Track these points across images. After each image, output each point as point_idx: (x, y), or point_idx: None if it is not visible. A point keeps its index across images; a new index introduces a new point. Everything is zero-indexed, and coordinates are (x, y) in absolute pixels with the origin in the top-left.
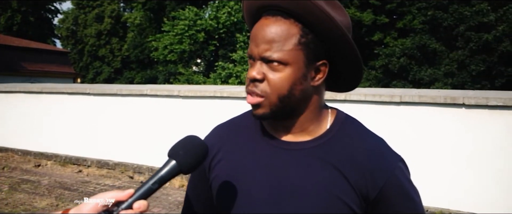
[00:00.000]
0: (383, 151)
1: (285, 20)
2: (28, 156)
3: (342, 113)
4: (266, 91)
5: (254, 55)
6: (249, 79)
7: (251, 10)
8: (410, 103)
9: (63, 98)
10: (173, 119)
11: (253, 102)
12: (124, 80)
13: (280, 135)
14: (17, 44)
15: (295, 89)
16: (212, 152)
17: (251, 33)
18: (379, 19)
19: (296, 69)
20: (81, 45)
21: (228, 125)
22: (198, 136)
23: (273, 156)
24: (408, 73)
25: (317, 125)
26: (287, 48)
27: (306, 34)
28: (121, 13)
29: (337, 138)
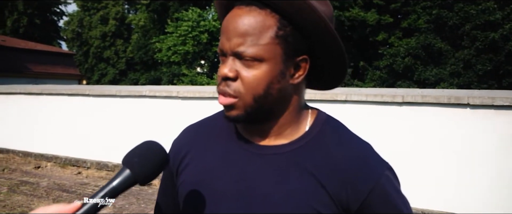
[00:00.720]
0: (368, 157)
1: (260, 11)
2: (28, 158)
3: (322, 114)
4: (239, 90)
5: (226, 50)
6: (220, 77)
7: (223, 1)
8: (413, 104)
9: (63, 99)
10: (173, 120)
11: (225, 103)
12: (128, 81)
13: (254, 138)
14: (23, 46)
15: (272, 88)
16: (179, 155)
17: (222, 25)
18: (384, 18)
19: (273, 65)
20: (86, 47)
21: (198, 126)
22: (156, 142)
23: (245, 161)
24: (413, 73)
25: (295, 127)
26: (263, 42)
27: (284, 26)
28: (126, 15)
29: (316, 141)
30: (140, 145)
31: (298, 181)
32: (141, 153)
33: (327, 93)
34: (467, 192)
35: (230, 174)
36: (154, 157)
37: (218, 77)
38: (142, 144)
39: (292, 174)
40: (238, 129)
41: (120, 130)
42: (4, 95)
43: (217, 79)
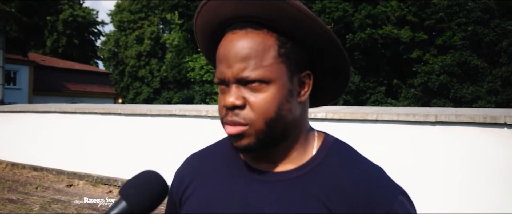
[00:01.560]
0: (379, 182)
1: (258, 32)
2: (61, 176)
3: (330, 137)
4: (250, 117)
5: (227, 78)
6: (225, 107)
7: (209, 28)
8: (447, 123)
9: (96, 118)
10: (202, 139)
11: (235, 132)
12: (162, 100)
13: (259, 164)
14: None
15: (283, 110)
16: (182, 185)
17: (218, 54)
18: (418, 36)
19: (280, 85)
20: (122, 66)
21: (201, 154)
22: (156, 172)
23: (249, 189)
24: (448, 91)
25: (301, 151)
26: (266, 63)
27: (284, 43)
28: (160, 35)
29: (323, 166)
30: (138, 175)
31: (305, 209)
32: (138, 184)
33: (357, 112)
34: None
35: (233, 203)
36: (152, 188)
37: (221, 108)
38: (140, 175)
39: (298, 201)
40: (242, 156)
41: (150, 149)
42: (40, 113)
43: (220, 110)
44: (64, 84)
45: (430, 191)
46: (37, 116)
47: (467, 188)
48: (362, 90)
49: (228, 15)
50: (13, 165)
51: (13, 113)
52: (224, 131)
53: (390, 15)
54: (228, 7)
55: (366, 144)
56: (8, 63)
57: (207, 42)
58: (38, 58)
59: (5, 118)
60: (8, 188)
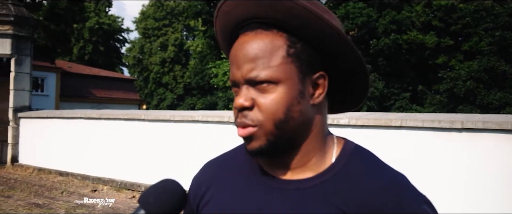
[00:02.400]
0: (402, 190)
1: (267, 32)
2: (86, 181)
3: (350, 143)
4: (258, 118)
5: (238, 79)
6: (236, 109)
7: (226, 33)
8: (473, 130)
9: (120, 124)
10: (225, 145)
11: (245, 134)
12: (186, 106)
13: (276, 171)
14: (87, 72)
15: (293, 111)
16: (200, 192)
17: (230, 56)
18: (443, 41)
19: (290, 86)
20: (146, 72)
21: (218, 160)
22: (175, 181)
23: (267, 197)
24: (475, 97)
25: (320, 157)
26: (275, 63)
27: (294, 43)
28: (184, 41)
29: (344, 174)
30: (157, 184)
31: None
32: (157, 192)
33: (381, 118)
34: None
35: (250, 210)
36: (171, 198)
37: (234, 110)
38: (159, 183)
39: (317, 211)
40: (259, 163)
41: (173, 155)
42: (66, 119)
43: (233, 112)
44: (90, 91)
45: (457, 201)
46: (63, 122)
47: (497, 197)
48: (386, 96)
49: (239, 17)
50: (39, 170)
51: (40, 119)
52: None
53: (415, 20)
54: (239, 9)
55: (390, 151)
56: (36, 70)
57: (228, 45)
58: (65, 65)
59: (32, 124)
60: (35, 193)
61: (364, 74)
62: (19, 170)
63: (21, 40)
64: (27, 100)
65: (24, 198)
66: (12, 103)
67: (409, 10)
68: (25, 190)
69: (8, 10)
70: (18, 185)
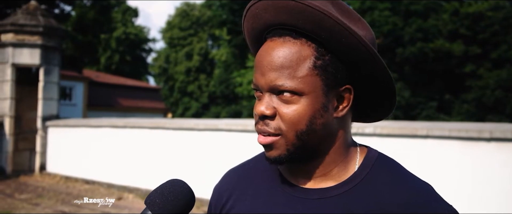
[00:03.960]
0: (429, 201)
1: (295, 41)
2: (112, 189)
3: (373, 152)
4: (280, 128)
5: (261, 85)
6: (257, 115)
7: (254, 34)
8: (502, 140)
9: (145, 133)
10: (248, 153)
11: (265, 142)
12: (210, 115)
13: (298, 180)
14: (114, 81)
15: (316, 124)
16: (221, 201)
17: (255, 60)
18: (471, 49)
19: (313, 99)
20: (172, 81)
21: (239, 169)
22: (182, 181)
23: (289, 206)
24: (504, 107)
25: (342, 167)
26: (301, 74)
27: (322, 55)
28: (209, 50)
29: (367, 183)
30: (163, 184)
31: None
32: (164, 193)
33: (407, 127)
34: None
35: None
36: (177, 198)
37: (255, 115)
38: (166, 184)
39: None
40: (281, 171)
41: (197, 163)
42: (92, 128)
43: (254, 117)
44: (117, 100)
45: (485, 212)
46: (90, 130)
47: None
48: (413, 105)
49: (268, 21)
50: (67, 179)
51: (67, 128)
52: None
53: (442, 29)
54: (269, 13)
55: (416, 161)
56: (64, 80)
57: (255, 45)
58: (92, 75)
59: (60, 132)
60: (62, 201)
61: (392, 92)
62: (47, 178)
63: (49, 51)
64: (55, 109)
65: (51, 206)
66: (41, 112)
67: (435, 18)
68: (52, 198)
69: (37, 21)
70: (46, 193)
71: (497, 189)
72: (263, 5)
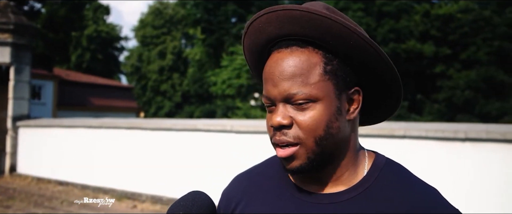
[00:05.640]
0: (436, 205)
1: (303, 49)
2: (86, 190)
3: (381, 157)
4: (299, 136)
5: (274, 96)
6: (272, 127)
7: (255, 49)
8: (477, 140)
9: (121, 133)
10: (227, 154)
11: (286, 155)
12: (184, 114)
13: (309, 186)
14: (85, 80)
15: (332, 128)
16: (230, 207)
17: (264, 74)
18: (441, 50)
19: (328, 103)
20: (144, 80)
21: (249, 175)
22: (204, 193)
23: (300, 212)
24: (474, 107)
25: (352, 171)
26: (313, 81)
27: (330, 60)
28: (182, 49)
29: (376, 188)
30: (185, 196)
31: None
32: (187, 206)
33: (385, 128)
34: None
35: None
36: (201, 210)
37: (269, 128)
38: (188, 196)
39: None
40: (291, 177)
41: (175, 164)
42: (66, 128)
43: (269, 130)
44: (88, 99)
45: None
46: (63, 131)
47: (500, 207)
48: None
49: (273, 34)
50: (39, 180)
51: (39, 128)
52: (271, 151)
53: (413, 30)
54: (273, 26)
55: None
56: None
57: (256, 62)
58: (62, 73)
59: (31, 133)
60: (34, 203)
61: (399, 88)
62: (18, 179)
63: (20, 49)
64: (26, 109)
65: (23, 208)
66: (11, 112)
67: (407, 20)
68: (24, 200)
69: (7, 18)
70: (17, 195)
71: (472, 188)
72: (267, 18)
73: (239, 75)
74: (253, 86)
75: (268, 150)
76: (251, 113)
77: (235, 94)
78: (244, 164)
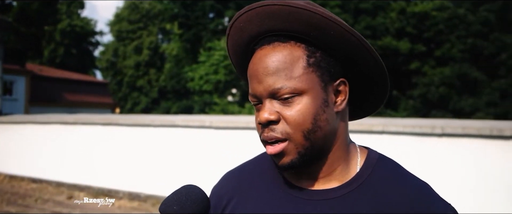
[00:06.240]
0: (430, 200)
1: (285, 44)
2: (61, 188)
3: (374, 153)
4: (287, 131)
5: (260, 93)
6: (260, 124)
7: (239, 49)
8: (453, 135)
9: (97, 129)
10: (206, 150)
11: (276, 151)
12: (161, 110)
13: (301, 182)
14: (59, 75)
15: (320, 120)
16: (221, 204)
17: (249, 72)
18: (416, 47)
19: (314, 95)
20: (120, 76)
21: (239, 171)
22: (197, 187)
23: (294, 208)
24: (447, 103)
25: (345, 166)
26: (297, 74)
27: (313, 52)
28: (159, 45)
29: (370, 184)
30: (179, 190)
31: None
32: (180, 200)
33: (363, 123)
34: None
35: None
36: (195, 205)
37: (258, 126)
38: (181, 190)
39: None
40: (283, 173)
41: (153, 160)
42: (40, 124)
43: (257, 128)
44: (62, 94)
45: None
46: (37, 127)
47: (473, 201)
48: None
49: (254, 32)
50: (11, 177)
51: (12, 124)
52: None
53: (389, 27)
54: (254, 24)
55: None
56: (4, 74)
57: (241, 62)
58: (35, 68)
59: (4, 129)
60: (7, 201)
61: (384, 79)
62: None
63: None
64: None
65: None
66: None
67: (383, 16)
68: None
69: None
70: None
71: (448, 183)
72: (247, 16)
73: (216, 70)
74: (230, 82)
75: (247, 146)
76: (228, 109)
77: (212, 90)
78: (223, 160)
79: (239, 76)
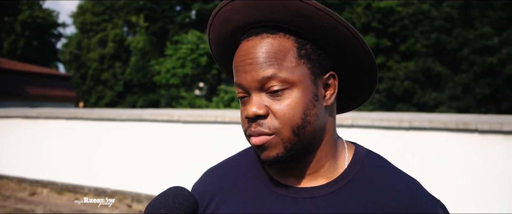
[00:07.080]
0: (417, 196)
1: (274, 36)
2: (23, 184)
3: (362, 149)
4: (275, 126)
5: (247, 84)
6: (247, 118)
7: (222, 40)
8: (420, 129)
9: (61, 123)
10: (174, 145)
11: (260, 143)
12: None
13: (287, 179)
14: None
15: (310, 115)
16: (203, 203)
17: (235, 63)
18: (382, 42)
19: (304, 89)
20: (84, 69)
21: (221, 169)
22: (184, 188)
23: (280, 206)
24: (412, 97)
25: (332, 162)
26: (288, 65)
27: (303, 45)
28: (124, 37)
29: (359, 180)
30: (165, 192)
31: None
32: (168, 203)
33: None
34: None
35: None
36: (183, 207)
37: (243, 120)
38: (169, 192)
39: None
40: (268, 170)
41: (119, 155)
42: (0, 119)
43: (243, 122)
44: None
45: None
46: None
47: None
48: None
49: (240, 23)
50: None
51: None
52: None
53: (356, 22)
54: (241, 14)
55: None
56: None
57: (224, 54)
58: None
59: None
60: None
61: (374, 71)
62: None
63: None
64: None
65: None
66: None
67: (350, 12)
68: None
69: None
70: None
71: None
72: (234, 6)
73: (183, 64)
74: (197, 76)
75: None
76: (196, 103)
77: (179, 84)
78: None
79: (220, 68)
